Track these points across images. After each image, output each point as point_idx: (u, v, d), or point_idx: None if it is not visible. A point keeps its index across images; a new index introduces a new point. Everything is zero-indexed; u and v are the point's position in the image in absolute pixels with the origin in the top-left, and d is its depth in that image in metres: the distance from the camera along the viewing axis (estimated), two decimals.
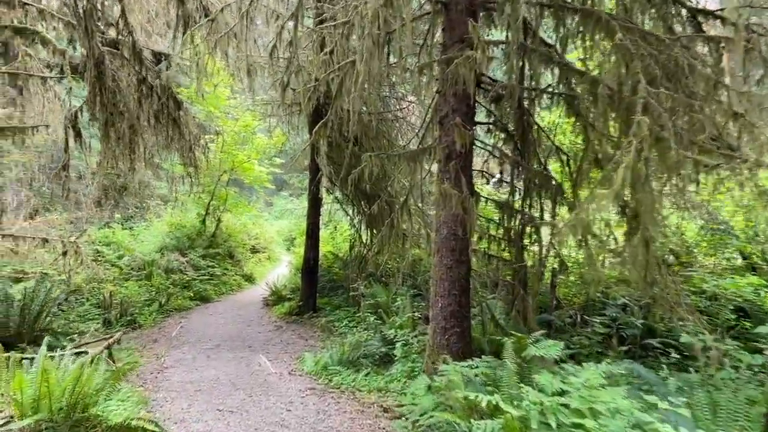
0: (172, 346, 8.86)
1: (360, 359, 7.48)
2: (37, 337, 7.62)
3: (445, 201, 6.03)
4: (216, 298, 14.00)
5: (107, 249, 14.35)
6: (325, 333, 9.72)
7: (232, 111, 15.75)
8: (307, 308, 11.08)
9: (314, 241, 11.29)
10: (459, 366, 4.26)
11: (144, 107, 10.05)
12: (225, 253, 16.61)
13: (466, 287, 6.50)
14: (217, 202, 16.67)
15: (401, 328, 8.16)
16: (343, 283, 12.15)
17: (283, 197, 30.97)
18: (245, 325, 10.80)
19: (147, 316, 11.03)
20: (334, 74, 7.61)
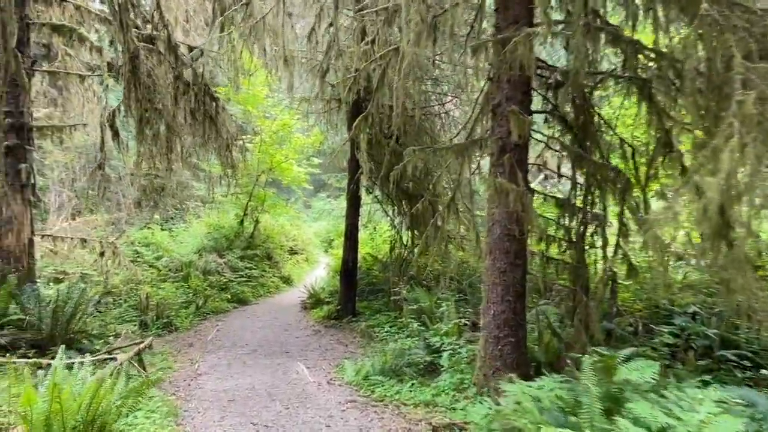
0: (208, 350, 8.53)
1: (403, 368, 6.96)
2: (70, 340, 7.40)
3: (500, 197, 5.46)
4: (253, 301, 13.72)
5: (146, 250, 14.25)
6: (365, 338, 9.24)
7: (269, 110, 15.48)
8: (346, 312, 10.63)
9: (353, 242, 10.84)
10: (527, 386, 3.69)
11: (180, 104, 9.80)
12: (263, 254, 16.36)
13: (522, 293, 5.91)
14: (255, 203, 16.43)
15: (447, 336, 7.61)
16: (382, 287, 11.66)
17: (321, 199, 30.73)
18: (282, 329, 10.42)
19: (183, 319, 10.78)
20: (376, 64, 7.15)
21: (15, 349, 6.81)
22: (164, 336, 9.75)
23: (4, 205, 9.37)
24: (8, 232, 9.37)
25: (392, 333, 8.87)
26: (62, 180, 14.12)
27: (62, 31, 9.69)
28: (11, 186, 9.41)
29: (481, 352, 6.01)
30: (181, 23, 11.57)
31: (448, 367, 6.55)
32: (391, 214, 11.25)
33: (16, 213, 9.46)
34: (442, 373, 6.67)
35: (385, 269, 12.63)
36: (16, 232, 9.44)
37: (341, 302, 10.79)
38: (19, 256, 9.45)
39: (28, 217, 9.70)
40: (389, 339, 8.62)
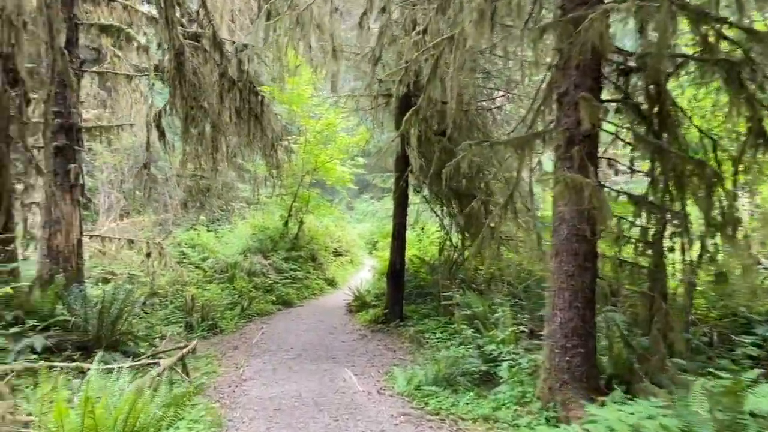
0: (253, 354, 8.29)
1: (457, 378, 6.52)
2: (116, 342, 7.26)
3: (570, 194, 4.96)
4: (298, 303, 13.49)
5: (192, 251, 14.25)
6: (414, 344, 8.82)
7: (314, 110, 15.27)
8: (393, 316, 10.23)
9: (400, 243, 10.45)
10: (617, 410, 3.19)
11: (225, 103, 9.64)
12: (307, 255, 16.16)
13: (591, 299, 5.40)
14: (300, 204, 16.26)
15: (503, 344, 7.12)
16: (430, 290, 11.21)
17: (364, 200, 30.48)
18: (328, 332, 10.11)
19: (228, 321, 10.61)
20: (428, 54, 6.73)
21: (61, 350, 6.70)
22: (209, 338, 9.58)
23: (53, 205, 9.38)
24: (57, 232, 9.36)
25: (443, 339, 8.42)
26: (111, 181, 14.27)
27: (110, 31, 9.66)
28: (60, 186, 9.41)
29: (546, 363, 5.51)
30: (226, 22, 11.46)
31: (507, 378, 6.07)
32: (441, 215, 10.79)
33: (65, 213, 9.45)
34: (501, 384, 6.20)
35: (433, 272, 12.19)
36: (65, 232, 9.44)
37: (388, 306, 10.41)
38: (68, 257, 9.44)
39: (76, 217, 9.69)
40: (440, 345, 8.17)
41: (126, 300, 7.43)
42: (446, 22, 7.24)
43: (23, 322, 6.66)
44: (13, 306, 6.88)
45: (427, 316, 10.12)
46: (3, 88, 6.66)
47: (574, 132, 5.24)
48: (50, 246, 9.35)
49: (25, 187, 7.77)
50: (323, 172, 15.88)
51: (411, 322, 10.02)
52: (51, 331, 6.83)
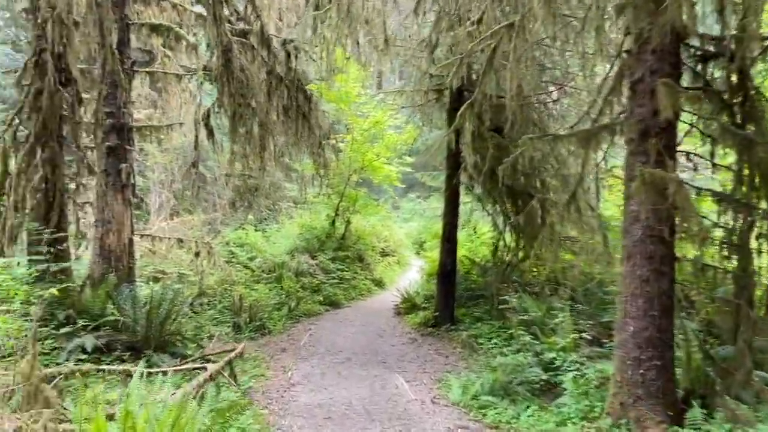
0: (300, 357, 8.10)
1: (515, 387, 6.13)
2: (164, 343, 7.19)
3: (647, 191, 4.50)
4: (346, 304, 13.29)
5: (240, 250, 14.27)
6: (467, 350, 8.45)
7: (361, 108, 15.04)
8: (444, 319, 9.87)
9: (451, 244, 10.07)
10: None
11: (273, 101, 9.51)
12: (354, 256, 15.96)
13: (669, 306, 4.92)
14: (347, 203, 16.07)
15: (564, 351, 6.67)
16: (483, 293, 10.79)
17: (410, 200, 30.11)
18: (377, 335, 9.84)
19: (276, 321, 10.49)
20: (485, 43, 6.35)
21: (111, 350, 6.66)
22: (257, 339, 9.47)
23: (105, 205, 9.47)
24: (109, 231, 9.43)
25: (498, 345, 8.01)
26: (162, 181, 14.45)
27: (160, 30, 9.68)
28: (112, 186, 9.48)
29: (617, 376, 5.07)
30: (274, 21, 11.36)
31: (572, 389, 5.63)
32: (493, 214, 10.36)
33: (117, 213, 9.52)
34: (563, 396, 5.77)
35: (485, 274, 11.76)
36: (117, 231, 9.50)
37: (439, 308, 10.05)
38: (119, 256, 9.50)
39: (128, 216, 9.75)
40: (494, 352, 7.77)
41: (174, 300, 7.36)
42: (503, 11, 6.86)
43: (74, 321, 6.67)
44: (66, 305, 6.90)
45: (479, 320, 9.71)
46: (55, 88, 6.67)
47: (650, 123, 4.78)
48: (102, 245, 9.43)
49: (77, 186, 7.80)
50: (370, 171, 15.64)
51: (463, 325, 9.64)
52: (101, 331, 6.81)
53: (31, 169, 6.53)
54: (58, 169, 6.93)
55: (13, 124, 6.94)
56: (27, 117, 6.76)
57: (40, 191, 6.76)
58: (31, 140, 6.55)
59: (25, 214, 6.41)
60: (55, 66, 6.79)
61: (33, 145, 6.57)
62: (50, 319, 6.58)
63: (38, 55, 6.68)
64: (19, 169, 6.31)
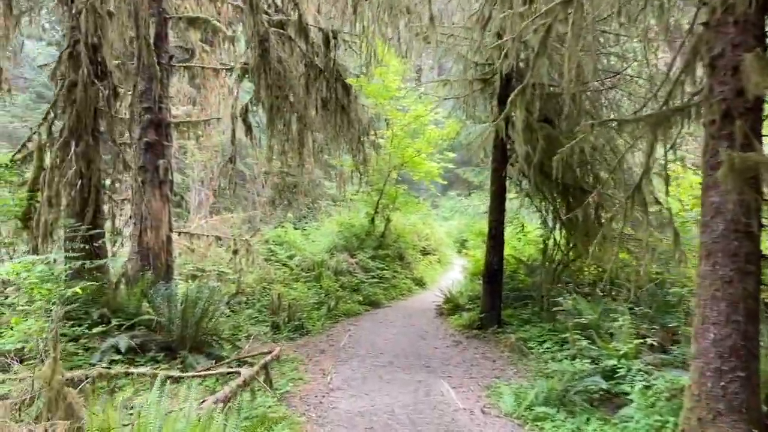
0: (340, 359, 7.74)
1: (572, 397, 5.61)
2: (200, 343, 6.95)
3: (734, 179, 3.93)
4: (386, 303, 12.91)
5: (279, 248, 14.07)
6: (516, 354, 7.94)
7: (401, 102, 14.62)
8: (491, 321, 9.36)
9: (498, 242, 9.55)
10: None
11: (312, 93, 9.19)
12: (394, 254, 15.55)
13: (755, 310, 4.33)
14: (386, 201, 15.68)
15: (625, 358, 6.11)
16: (530, 293, 10.23)
17: (450, 197, 29.52)
18: (419, 337, 9.41)
19: (315, 321, 10.19)
20: (539, 22, 5.84)
21: (145, 351, 6.45)
22: (295, 340, 9.18)
23: (143, 201, 9.35)
24: (147, 228, 9.31)
25: (550, 350, 7.47)
26: (201, 179, 14.38)
27: (197, 23, 9.50)
28: (150, 182, 9.35)
29: (694, 388, 4.49)
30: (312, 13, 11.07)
31: (640, 402, 5.08)
32: (543, 210, 9.77)
33: (155, 210, 9.39)
34: (627, 408, 5.24)
35: (532, 273, 11.18)
36: (155, 228, 9.37)
37: (484, 310, 9.54)
38: (157, 253, 9.37)
39: (166, 213, 9.61)
40: (546, 357, 7.24)
41: (210, 299, 7.11)
42: None
43: (108, 320, 6.48)
44: (100, 304, 6.73)
45: (527, 322, 9.17)
46: (90, 80, 6.50)
47: (734, 103, 4.20)
48: (140, 242, 9.31)
49: (113, 182, 7.64)
50: (411, 167, 15.20)
51: (510, 328, 9.11)
52: (136, 330, 6.61)
53: (65, 163, 6.38)
54: (93, 164, 6.77)
55: (48, 118, 6.82)
56: (62, 111, 6.61)
57: (74, 187, 6.60)
58: (65, 134, 6.40)
59: (59, 210, 6.24)
60: (89, 58, 6.61)
61: (67, 139, 6.41)
62: (84, 318, 6.42)
63: (72, 47, 6.53)
64: (52, 164, 6.16)
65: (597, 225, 8.76)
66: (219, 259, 12.29)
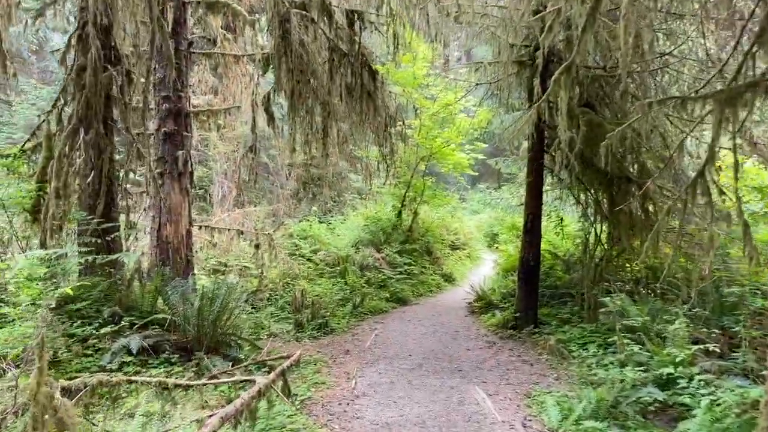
0: (366, 362, 7.25)
1: (624, 408, 5.02)
2: (218, 344, 6.54)
3: None
4: (414, 300, 12.38)
5: (304, 243, 13.67)
6: (555, 357, 7.34)
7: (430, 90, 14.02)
8: (526, 321, 8.76)
9: (534, 237, 8.93)
10: None
11: (336, 79, 8.68)
12: (422, 249, 15.00)
13: None
14: (414, 194, 15.11)
15: (682, 366, 5.49)
16: (570, 291, 9.59)
17: (479, 191, 28.77)
18: (450, 337, 8.88)
19: (340, 319, 9.73)
20: None
21: (159, 352, 6.07)
22: (319, 339, 8.73)
23: (162, 194, 9.02)
24: (166, 222, 8.99)
25: (594, 354, 6.85)
26: (225, 171, 14.03)
27: (216, 7, 9.08)
28: (169, 174, 9.02)
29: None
30: None
31: (705, 417, 4.46)
32: (584, 203, 9.10)
33: (174, 202, 9.06)
34: (688, 422, 4.63)
35: (568, 270, 10.53)
36: (174, 222, 9.05)
37: (519, 309, 8.94)
38: (177, 248, 9.05)
39: (186, 206, 9.27)
40: (590, 361, 6.63)
41: (228, 296, 6.69)
42: None
43: (120, 319, 6.10)
44: (113, 301, 6.36)
45: (566, 322, 8.55)
46: (100, 64, 6.09)
47: None
48: (159, 236, 8.99)
49: (126, 172, 7.27)
50: (439, 158, 14.60)
51: (548, 328, 8.51)
52: (149, 330, 6.22)
53: (73, 152, 6.00)
54: (104, 154, 6.38)
55: (57, 105, 6.46)
56: (72, 97, 6.24)
57: (84, 177, 6.24)
58: (74, 121, 6.01)
59: (69, 202, 5.87)
60: (100, 41, 6.21)
61: (76, 127, 6.03)
62: (95, 317, 6.05)
63: (81, 29, 6.15)
64: (60, 153, 5.78)
65: (644, 218, 8.09)
66: (242, 254, 11.94)
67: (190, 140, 9.50)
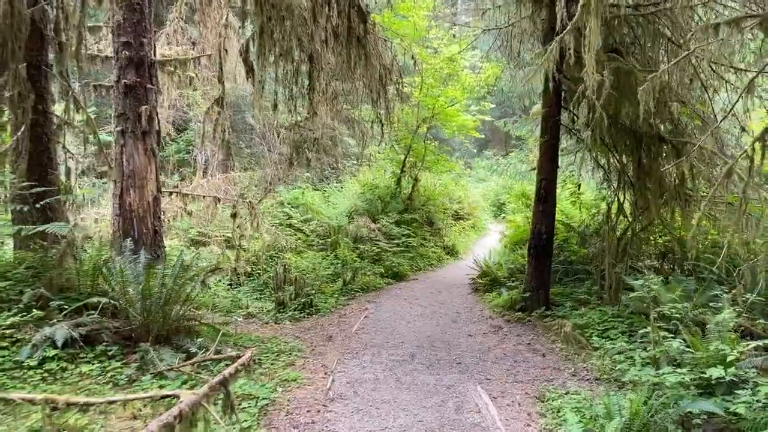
0: (349, 351, 6.20)
1: (665, 423, 3.95)
2: (171, 332, 5.48)
3: None
4: (411, 275, 11.32)
5: (295, 212, 12.58)
6: (572, 347, 6.27)
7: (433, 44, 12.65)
8: (537, 302, 7.68)
9: (548, 206, 7.77)
10: None
11: (320, 21, 7.45)
12: (423, 219, 13.85)
13: None
14: (414, 159, 13.88)
15: (731, 366, 4.40)
16: (586, 267, 8.48)
17: (486, 158, 27.37)
18: (449, 319, 7.83)
19: (327, 297, 8.70)
20: None
21: (95, 342, 5.02)
22: (301, 320, 7.71)
23: (125, 155, 7.91)
24: (129, 188, 7.89)
25: (615, 341, 5.76)
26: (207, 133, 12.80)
27: None
28: (132, 133, 7.88)
29: None
30: None
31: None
32: (606, 167, 7.90)
33: (138, 165, 7.93)
34: None
35: (584, 243, 9.39)
36: (139, 187, 7.94)
37: (529, 287, 7.84)
38: (142, 217, 7.95)
39: (152, 170, 8.13)
40: (613, 352, 5.55)
41: (183, 274, 5.61)
42: None
43: (47, 303, 5.04)
44: (42, 282, 5.28)
45: (583, 304, 7.48)
46: None
47: None
48: (122, 204, 7.91)
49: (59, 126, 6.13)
50: (442, 119, 13.29)
51: (561, 310, 7.43)
52: (84, 316, 5.16)
53: None
54: (24, 103, 5.23)
55: None
56: None
57: None
58: None
59: None
60: None
61: None
62: (15, 301, 4.99)
63: None
64: None
65: (677, 183, 6.90)
66: (225, 224, 10.85)
67: (155, 94, 8.32)
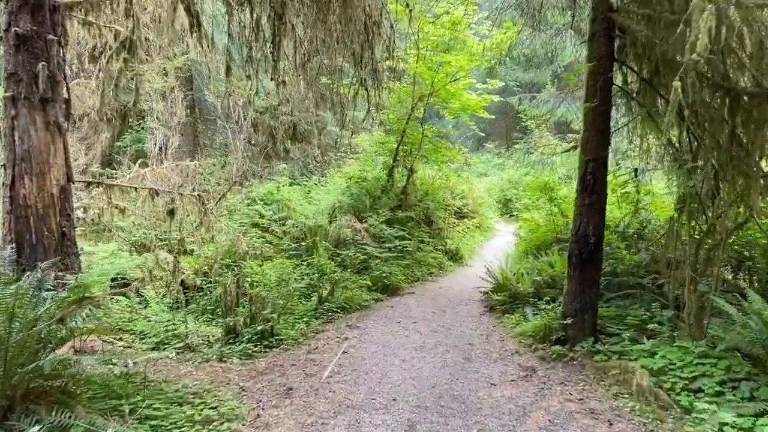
0: (313, 418, 4.01)
1: None
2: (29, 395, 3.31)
3: None
4: (406, 288, 9.13)
5: (267, 210, 10.47)
6: (648, 404, 4.12)
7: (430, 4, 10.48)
8: (582, 330, 5.53)
9: (597, 198, 5.60)
10: None
11: None
12: (419, 217, 11.65)
13: None
14: (409, 146, 11.69)
15: None
16: (640, 280, 6.34)
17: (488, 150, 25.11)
18: (461, 355, 5.66)
19: (294, 322, 6.53)
20: None
21: None
22: (256, 357, 5.56)
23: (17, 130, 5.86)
24: (24, 174, 5.81)
25: (716, 398, 3.63)
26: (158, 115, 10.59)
27: None
28: (26, 100, 5.80)
29: None
30: None
31: None
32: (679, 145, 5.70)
33: (36, 144, 5.90)
34: None
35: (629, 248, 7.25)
36: (38, 174, 5.88)
37: (572, 310, 5.65)
38: (43, 214, 5.90)
39: (58, 151, 6.07)
40: (715, 420, 3.43)
41: (43, 313, 3.43)
42: None
43: None
44: None
45: (645, 333, 5.32)
46: None
47: None
48: (13, 197, 5.83)
49: None
50: (444, 96, 11.06)
51: (616, 343, 5.27)
52: None
53: None
54: None
55: None
56: None
57: None
58: None
59: None
60: None
61: None
62: None
63: None
64: None
65: None
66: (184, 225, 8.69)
67: (59, 48, 6.17)
